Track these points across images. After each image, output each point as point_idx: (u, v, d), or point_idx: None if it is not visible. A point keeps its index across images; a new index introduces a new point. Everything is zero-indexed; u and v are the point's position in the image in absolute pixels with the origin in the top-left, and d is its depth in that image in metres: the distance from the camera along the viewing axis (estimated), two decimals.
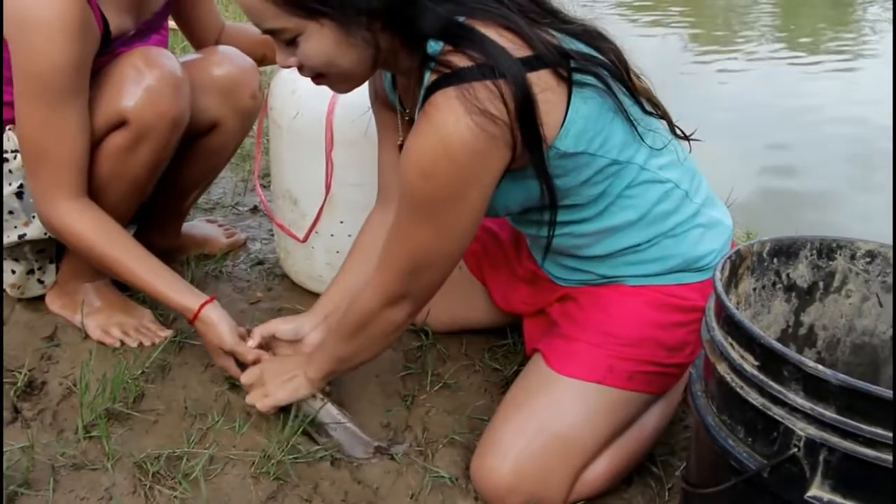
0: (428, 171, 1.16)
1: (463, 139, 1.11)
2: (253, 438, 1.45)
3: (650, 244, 1.37)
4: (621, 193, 1.32)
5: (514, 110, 1.11)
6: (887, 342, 1.23)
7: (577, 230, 1.36)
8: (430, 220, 1.22)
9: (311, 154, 1.70)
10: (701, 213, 1.39)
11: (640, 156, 1.31)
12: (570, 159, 1.23)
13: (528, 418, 1.35)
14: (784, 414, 0.91)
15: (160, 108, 1.47)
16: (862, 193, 3.76)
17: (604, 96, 1.23)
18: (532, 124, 1.14)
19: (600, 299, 1.41)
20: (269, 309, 1.79)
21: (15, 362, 1.56)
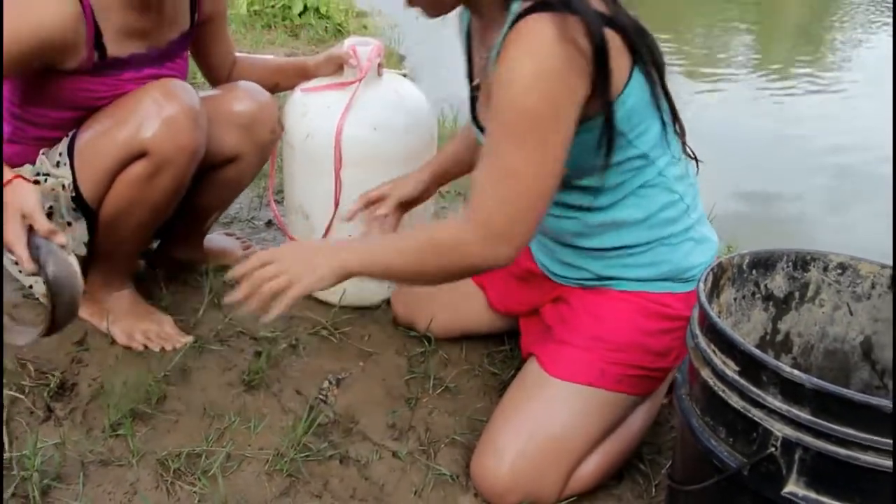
0: (526, 86, 1.13)
1: (557, 57, 1.11)
2: (267, 438, 1.45)
3: (647, 248, 1.38)
4: (635, 191, 1.34)
5: (591, 53, 1.12)
6: (857, 347, 1.24)
7: (587, 218, 1.37)
8: (524, 142, 1.16)
9: (321, 172, 1.70)
10: (695, 228, 1.41)
11: (663, 160, 1.33)
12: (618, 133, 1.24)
13: (524, 420, 1.36)
14: (763, 416, 0.92)
15: (179, 140, 1.45)
16: (834, 208, 3.78)
17: (653, 89, 1.25)
18: (605, 71, 1.15)
19: (592, 305, 1.42)
20: (283, 316, 1.78)
21: (48, 365, 1.56)
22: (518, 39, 1.13)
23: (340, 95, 1.71)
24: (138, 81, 1.51)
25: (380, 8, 6.73)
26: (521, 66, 1.13)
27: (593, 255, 1.41)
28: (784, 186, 3.93)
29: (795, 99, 5.73)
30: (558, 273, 1.48)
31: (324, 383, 1.59)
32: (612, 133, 1.22)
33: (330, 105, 1.70)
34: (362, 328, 1.77)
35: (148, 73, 1.55)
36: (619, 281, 1.41)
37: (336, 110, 1.68)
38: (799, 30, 8.92)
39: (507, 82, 1.15)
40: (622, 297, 1.41)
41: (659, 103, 1.28)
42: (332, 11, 5.24)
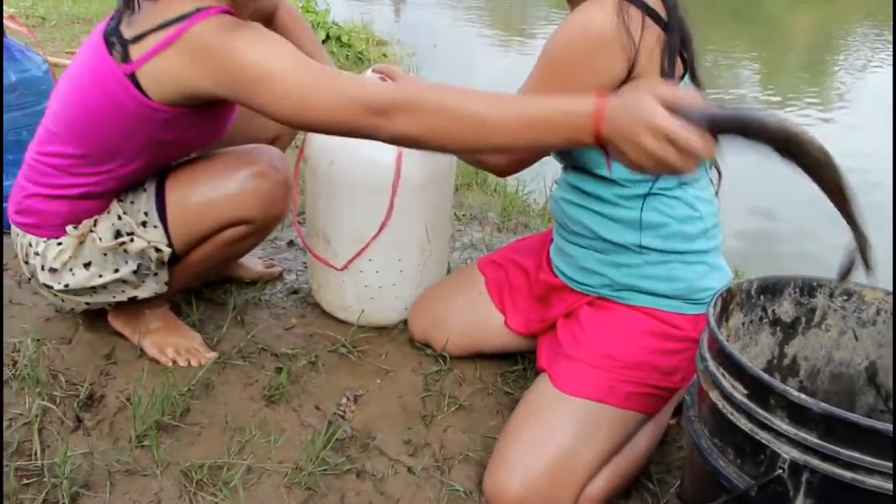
0: (567, 37, 1.27)
1: (603, 25, 1.23)
2: (286, 451, 1.45)
3: (663, 259, 1.39)
4: (654, 195, 1.37)
5: (655, 47, 1.26)
6: (862, 372, 1.23)
7: (607, 210, 1.41)
8: (550, 81, 1.29)
9: (343, 198, 1.71)
10: (711, 254, 1.42)
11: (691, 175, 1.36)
12: None
13: (536, 435, 1.36)
14: (770, 438, 0.92)
15: (276, 211, 1.52)
16: (840, 235, 3.76)
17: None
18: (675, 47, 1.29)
19: (603, 324, 1.43)
20: (303, 334, 1.81)
21: (78, 377, 1.57)
22: (582, 5, 1.28)
23: None
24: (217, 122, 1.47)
25: (399, 37, 6.80)
26: (575, 19, 1.27)
27: (613, 255, 1.42)
28: (790, 213, 3.92)
29: (801, 125, 5.72)
30: (578, 280, 1.49)
31: (342, 399, 1.60)
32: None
33: None
34: (380, 346, 1.78)
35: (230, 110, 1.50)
36: (635, 293, 1.42)
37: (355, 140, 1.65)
38: (803, 61, 8.92)
39: (559, 28, 1.29)
40: (633, 315, 1.41)
41: None
42: (353, 40, 5.30)
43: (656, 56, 1.28)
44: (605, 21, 1.23)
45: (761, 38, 9.53)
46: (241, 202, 1.48)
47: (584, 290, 1.48)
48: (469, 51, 7.24)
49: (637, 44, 1.24)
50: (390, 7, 10.48)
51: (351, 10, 7.26)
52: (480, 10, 10.64)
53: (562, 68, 1.28)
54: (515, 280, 1.65)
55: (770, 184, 4.24)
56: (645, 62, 1.26)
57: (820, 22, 12.43)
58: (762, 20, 11.79)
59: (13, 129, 2.09)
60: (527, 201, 2.84)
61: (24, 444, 1.40)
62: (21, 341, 1.63)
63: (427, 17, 9.66)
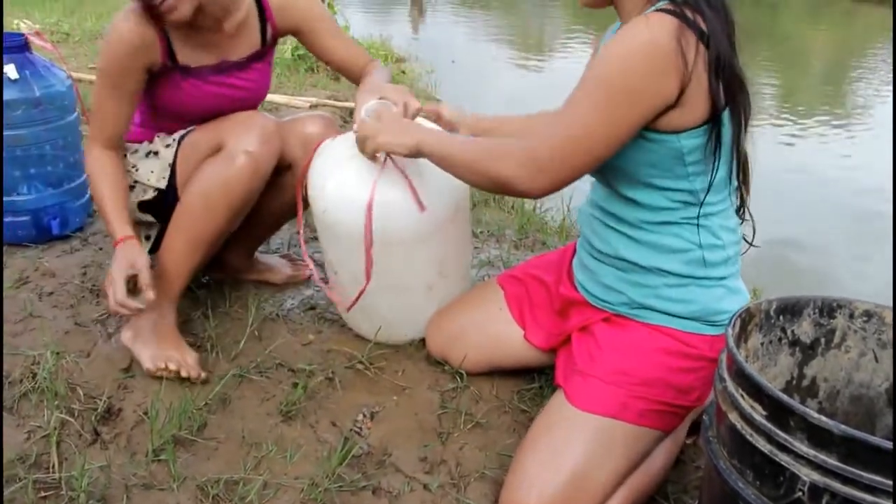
0: (625, 61, 1.23)
1: (664, 43, 1.20)
2: (302, 467, 1.45)
3: (681, 283, 1.39)
4: (679, 222, 1.37)
5: (704, 71, 1.23)
6: (882, 394, 1.22)
7: (632, 233, 1.41)
8: (602, 102, 1.25)
9: (340, 244, 1.70)
10: (729, 279, 1.42)
11: (714, 207, 1.37)
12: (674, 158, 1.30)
13: (551, 452, 1.35)
14: (790, 460, 0.91)
15: (245, 141, 1.64)
16: (859, 254, 3.73)
17: (735, 135, 1.32)
18: (724, 72, 1.25)
19: (618, 340, 1.43)
20: (320, 350, 1.81)
21: (96, 390, 1.59)
22: (643, 21, 1.23)
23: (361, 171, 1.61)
24: (212, 87, 1.75)
25: (417, 54, 6.84)
26: (636, 35, 1.22)
27: (633, 274, 1.42)
28: (810, 232, 3.90)
29: (819, 144, 5.69)
30: (599, 296, 1.49)
31: (358, 416, 1.60)
32: (718, 142, 1.29)
33: (348, 181, 1.62)
34: (397, 363, 1.78)
35: (215, 80, 1.75)
36: (652, 312, 1.42)
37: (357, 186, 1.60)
38: (821, 79, 8.89)
39: (618, 43, 1.24)
40: (649, 333, 1.41)
41: (735, 152, 1.34)
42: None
43: (703, 82, 1.25)
44: (665, 42, 1.20)
45: (778, 57, 9.51)
46: (223, 134, 1.66)
47: (602, 306, 1.48)
48: (487, 67, 7.26)
49: (690, 70, 1.22)
50: (409, 24, 10.55)
51: (370, 27, 7.32)
52: (499, 27, 10.69)
53: (618, 83, 1.24)
54: (535, 295, 1.65)
55: (789, 203, 4.23)
56: (694, 88, 1.24)
57: (837, 40, 12.39)
58: (779, 38, 11.77)
59: (36, 144, 2.12)
60: (544, 218, 2.84)
61: (42, 457, 1.41)
62: (41, 354, 1.65)
63: (445, 34, 9.72)
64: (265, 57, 1.85)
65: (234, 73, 1.78)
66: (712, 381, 1.42)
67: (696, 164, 1.32)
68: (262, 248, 2.27)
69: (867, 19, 14.69)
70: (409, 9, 12.15)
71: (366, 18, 9.41)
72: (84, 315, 1.84)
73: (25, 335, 1.74)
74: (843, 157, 5.37)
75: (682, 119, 1.26)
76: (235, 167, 1.63)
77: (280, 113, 3.74)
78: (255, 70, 1.82)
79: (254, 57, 1.81)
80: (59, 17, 6.14)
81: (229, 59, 1.77)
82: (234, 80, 1.79)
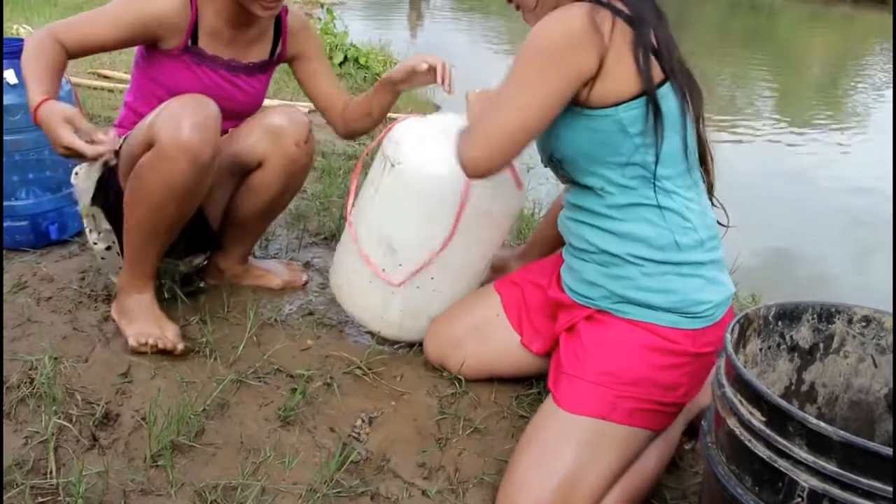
0: (540, 37, 1.32)
1: (575, 23, 1.29)
2: (300, 473, 1.45)
3: (658, 270, 1.41)
4: (645, 207, 1.40)
5: (626, 45, 1.31)
6: (881, 399, 1.22)
7: (601, 224, 1.44)
8: (523, 72, 1.32)
9: (419, 213, 1.68)
10: (707, 267, 1.43)
11: (673, 183, 1.40)
12: (619, 132, 1.35)
13: (543, 455, 1.35)
14: (789, 466, 0.91)
15: (178, 138, 1.55)
16: (857, 259, 3.73)
17: (679, 107, 1.36)
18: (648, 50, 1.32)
19: (602, 340, 1.44)
20: (319, 355, 1.81)
21: (94, 395, 1.58)
22: (558, 9, 1.34)
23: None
24: (218, 78, 1.79)
25: None
26: (550, 19, 1.32)
27: (612, 267, 1.44)
28: (807, 237, 3.90)
29: (816, 149, 5.70)
30: (580, 293, 1.50)
31: (357, 421, 1.60)
32: (657, 110, 1.34)
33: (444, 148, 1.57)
34: (395, 369, 1.78)
35: (224, 75, 1.81)
36: (632, 306, 1.43)
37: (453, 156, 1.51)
38: (819, 83, 8.90)
39: (535, 28, 1.33)
40: (631, 331, 1.42)
41: (685, 125, 1.38)
42: (370, 62, 5.35)
43: (627, 56, 1.31)
44: (577, 20, 1.28)
45: (776, 61, 9.53)
46: (154, 124, 1.58)
47: (584, 302, 1.49)
48: (485, 70, 7.28)
49: (607, 41, 1.29)
50: (407, 29, 10.57)
51: (368, 32, 7.33)
52: (497, 31, 10.71)
53: (536, 65, 1.31)
54: (531, 299, 1.65)
55: (787, 207, 4.24)
56: (614, 60, 1.31)
57: (835, 44, 12.42)
58: (777, 43, 11.79)
59: (35, 149, 2.12)
60: None
61: (39, 463, 1.40)
62: (38, 359, 1.65)
63: (444, 38, 9.75)
64: (267, 70, 1.91)
65: (239, 75, 1.84)
66: (698, 377, 1.43)
67: (641, 136, 1.35)
68: (259, 252, 2.28)
69: (865, 23, 14.72)
70: (408, 14, 12.18)
71: (364, 24, 9.43)
72: (82, 320, 1.83)
73: (23, 340, 1.73)
74: (841, 161, 5.39)
75: (610, 90, 1.33)
76: (171, 165, 1.57)
77: None
78: (256, 80, 1.88)
79: (259, 67, 1.86)
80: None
81: (239, 60, 1.83)
82: (238, 80, 1.83)
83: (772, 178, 4.80)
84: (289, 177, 1.88)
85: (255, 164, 1.85)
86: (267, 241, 2.36)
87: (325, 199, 2.73)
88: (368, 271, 1.75)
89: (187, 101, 1.59)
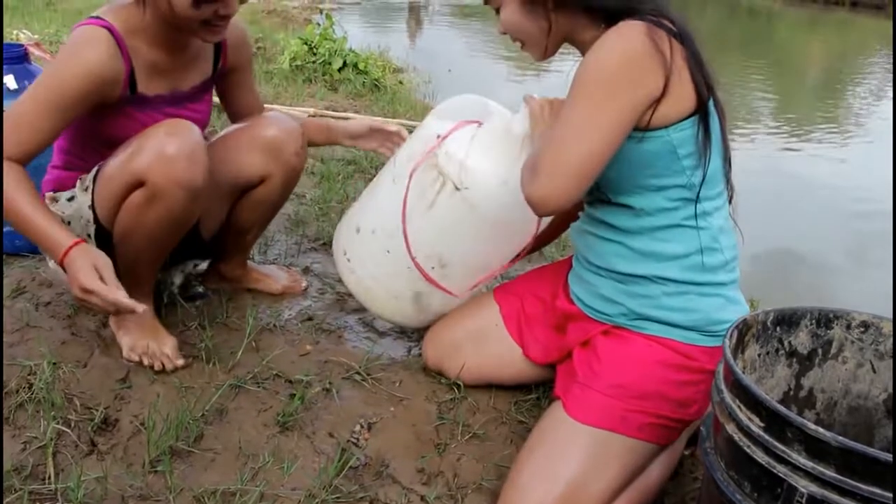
0: (602, 61, 1.26)
1: (637, 45, 1.24)
2: (299, 479, 1.45)
3: (680, 289, 1.39)
4: (677, 226, 1.38)
5: (683, 63, 1.27)
6: (880, 405, 1.22)
7: (628, 241, 1.41)
8: (588, 102, 1.26)
9: (496, 236, 1.66)
10: (729, 287, 1.42)
11: (710, 204, 1.39)
12: (668, 154, 1.32)
13: (548, 463, 1.35)
14: (787, 472, 0.91)
15: (173, 174, 1.52)
16: (856, 265, 3.73)
17: (720, 123, 1.35)
18: (701, 67, 1.30)
19: (617, 354, 1.42)
20: (318, 361, 1.81)
21: (93, 400, 1.58)
22: (613, 31, 1.27)
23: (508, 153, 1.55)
24: (158, 118, 1.62)
25: (415, 65, 6.86)
26: (609, 43, 1.26)
27: (631, 285, 1.42)
28: (806, 242, 3.91)
29: (815, 155, 5.71)
30: (596, 308, 1.49)
31: (355, 427, 1.60)
32: (707, 129, 1.32)
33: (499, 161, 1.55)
34: (394, 374, 1.78)
35: (170, 112, 1.68)
36: (651, 323, 1.41)
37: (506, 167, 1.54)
38: (818, 89, 8.92)
39: (593, 54, 1.27)
40: (649, 346, 1.41)
41: (725, 143, 1.37)
42: (369, 67, 5.34)
43: (685, 74, 1.28)
44: (637, 42, 1.23)
45: (775, 67, 9.54)
46: (139, 161, 1.52)
47: (600, 318, 1.48)
48: (484, 75, 7.29)
49: (669, 61, 1.25)
50: (406, 35, 10.59)
51: (367, 38, 7.34)
52: (495, 38, 10.73)
53: (602, 90, 1.25)
54: (531, 309, 1.64)
55: (785, 212, 4.24)
56: (676, 79, 1.27)
57: (834, 49, 12.43)
58: (776, 48, 11.81)
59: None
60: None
61: (37, 468, 1.40)
62: (37, 364, 1.65)
63: (443, 44, 9.77)
64: (210, 87, 1.83)
65: (185, 104, 1.74)
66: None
67: (690, 157, 1.33)
68: (259, 258, 2.28)
69: (863, 28, 14.75)
70: (407, 20, 12.20)
71: (364, 30, 9.45)
72: (81, 325, 1.83)
73: (22, 345, 1.73)
74: (841, 166, 5.39)
75: (671, 111, 1.29)
76: (168, 201, 1.54)
77: None
78: (202, 101, 1.79)
79: (203, 87, 1.78)
80: (57, 28, 6.15)
81: (181, 88, 1.72)
82: (184, 110, 1.72)
83: (770, 183, 4.80)
84: (289, 186, 1.90)
85: (257, 181, 1.83)
86: (266, 246, 2.37)
87: (325, 205, 2.73)
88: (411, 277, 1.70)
89: (169, 132, 1.53)
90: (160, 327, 1.76)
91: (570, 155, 1.25)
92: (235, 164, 1.80)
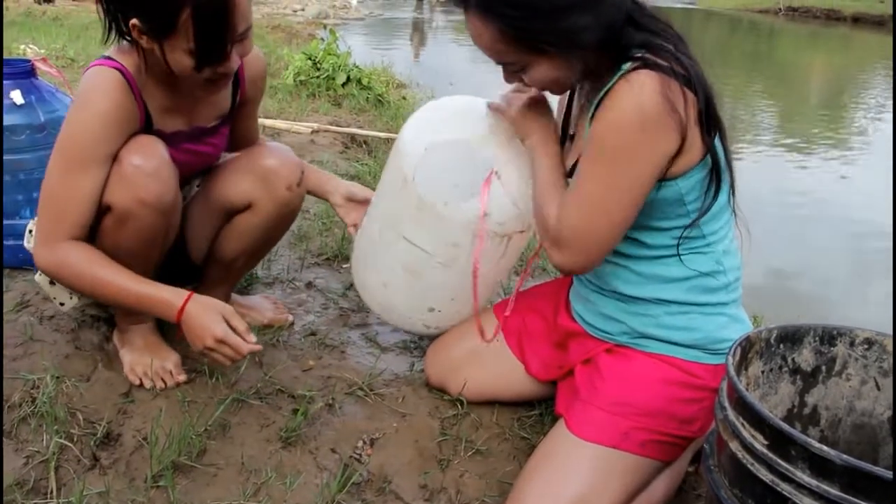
0: (627, 120, 1.23)
1: (655, 104, 1.21)
2: (302, 494, 1.44)
3: (683, 310, 1.39)
4: (682, 253, 1.38)
5: (694, 114, 1.24)
6: (885, 422, 1.22)
7: (633, 266, 1.41)
8: (608, 170, 1.26)
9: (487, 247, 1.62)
10: (731, 307, 1.43)
11: (715, 234, 1.38)
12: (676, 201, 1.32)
13: (551, 480, 1.35)
14: (791, 490, 0.91)
15: (136, 194, 1.49)
16: (859, 282, 3.73)
17: (727, 157, 1.33)
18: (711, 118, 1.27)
19: (621, 371, 1.42)
20: (321, 376, 1.81)
21: (96, 415, 1.58)
22: (627, 86, 1.23)
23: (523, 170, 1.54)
24: (181, 154, 1.62)
25: (418, 80, 6.89)
26: (626, 105, 1.23)
27: (633, 305, 1.42)
28: (809, 259, 3.90)
29: (817, 169, 5.71)
30: (598, 327, 1.49)
31: (358, 442, 1.59)
32: (717, 172, 1.31)
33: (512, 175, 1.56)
34: (397, 390, 1.78)
35: (188, 148, 1.66)
36: (653, 341, 1.42)
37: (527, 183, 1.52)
38: (820, 103, 8.93)
39: (610, 114, 1.25)
40: (652, 363, 1.41)
41: (732, 173, 1.35)
42: (373, 83, 5.37)
43: (696, 127, 1.26)
44: (651, 103, 1.21)
45: (777, 82, 9.56)
46: (111, 194, 1.50)
47: (602, 336, 1.48)
48: (486, 89, 7.32)
49: (684, 118, 1.23)
50: (410, 51, 10.64)
51: (371, 53, 7.38)
52: None
53: (621, 154, 1.25)
54: (532, 326, 1.64)
55: (788, 229, 4.24)
56: (690, 134, 1.25)
57: (835, 65, 12.46)
58: (778, 63, 11.84)
59: (39, 168, 2.13)
60: None
61: (40, 482, 1.40)
62: (40, 378, 1.65)
63: (446, 59, 9.81)
64: (230, 121, 1.78)
65: (204, 139, 1.71)
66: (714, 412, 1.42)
67: (695, 202, 1.33)
68: (262, 272, 2.28)
69: (865, 44, 14.79)
70: (411, 35, 12.26)
71: (367, 46, 9.50)
72: (84, 339, 1.83)
73: (25, 359, 1.73)
74: (843, 181, 5.39)
75: (685, 162, 1.28)
76: (137, 223, 1.52)
77: (282, 139, 3.76)
78: (220, 134, 1.76)
79: (222, 122, 1.75)
80: (64, 43, 6.19)
81: (199, 124, 1.69)
82: (202, 146, 1.71)
83: (773, 198, 4.80)
84: (279, 220, 1.81)
85: (243, 206, 1.77)
86: (269, 261, 2.37)
87: (328, 220, 2.74)
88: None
89: (132, 155, 1.50)
90: (163, 343, 1.76)
91: (598, 227, 1.30)
92: (226, 187, 1.77)
